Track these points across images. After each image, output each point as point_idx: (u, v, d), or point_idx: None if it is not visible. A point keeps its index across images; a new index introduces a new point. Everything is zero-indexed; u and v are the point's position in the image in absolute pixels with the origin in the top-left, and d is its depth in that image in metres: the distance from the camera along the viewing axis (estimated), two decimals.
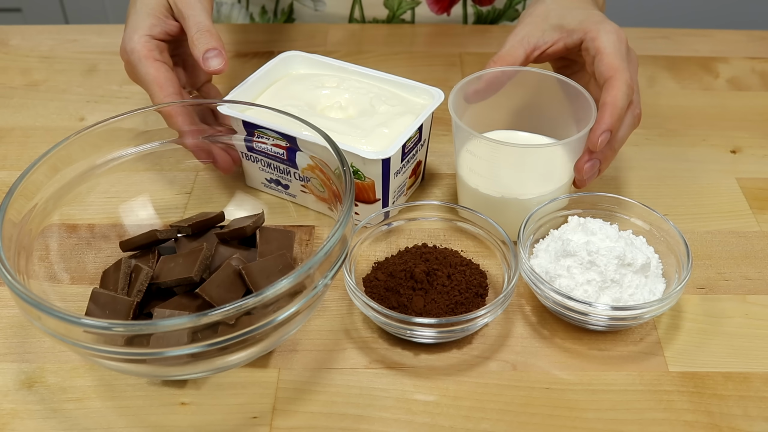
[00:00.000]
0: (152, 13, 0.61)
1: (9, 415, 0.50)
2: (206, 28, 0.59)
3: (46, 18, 1.85)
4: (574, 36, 0.61)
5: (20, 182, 0.52)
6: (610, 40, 0.58)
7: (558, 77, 0.62)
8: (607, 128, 0.56)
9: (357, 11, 0.91)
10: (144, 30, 0.61)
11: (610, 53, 0.58)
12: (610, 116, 0.56)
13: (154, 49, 0.61)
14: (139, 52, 0.60)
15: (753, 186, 0.69)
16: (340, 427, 0.49)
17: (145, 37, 0.61)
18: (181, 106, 0.59)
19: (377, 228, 0.60)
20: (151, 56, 0.60)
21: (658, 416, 0.50)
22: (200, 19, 0.60)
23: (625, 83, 0.56)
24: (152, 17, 0.61)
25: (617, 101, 0.56)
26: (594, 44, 0.59)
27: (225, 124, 0.62)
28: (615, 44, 0.58)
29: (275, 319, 0.45)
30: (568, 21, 0.61)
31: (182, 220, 0.59)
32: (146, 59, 0.60)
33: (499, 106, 0.64)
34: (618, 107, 0.56)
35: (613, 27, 0.59)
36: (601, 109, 0.56)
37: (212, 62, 0.59)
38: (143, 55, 0.60)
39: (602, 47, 0.58)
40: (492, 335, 0.55)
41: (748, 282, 0.59)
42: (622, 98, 0.56)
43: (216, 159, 0.62)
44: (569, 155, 0.59)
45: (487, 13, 0.92)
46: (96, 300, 0.51)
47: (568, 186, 0.61)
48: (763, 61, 0.87)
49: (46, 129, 0.75)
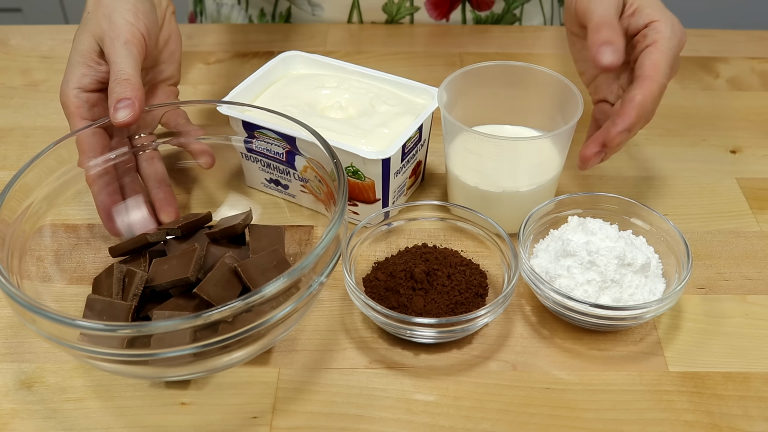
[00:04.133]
0: (83, 61, 0.58)
1: (9, 415, 0.50)
2: (125, 76, 0.56)
3: (46, 18, 1.85)
4: (642, 18, 0.57)
5: (14, 182, 0.52)
6: (671, 40, 0.56)
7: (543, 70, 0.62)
8: (628, 126, 0.54)
9: (355, 16, 0.91)
10: (74, 83, 0.58)
11: (663, 51, 0.55)
12: (636, 116, 0.54)
13: (83, 105, 0.58)
14: (68, 108, 0.58)
15: (753, 186, 0.69)
16: (340, 427, 0.49)
17: (74, 90, 0.57)
18: (97, 175, 0.58)
19: (377, 228, 0.60)
20: (78, 114, 0.57)
21: (658, 416, 0.50)
22: (122, 67, 0.56)
23: (660, 87, 0.55)
24: (83, 66, 0.58)
25: (647, 103, 0.54)
26: (654, 35, 0.56)
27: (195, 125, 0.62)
28: (673, 46, 0.56)
29: (274, 317, 0.45)
30: (647, 4, 0.57)
31: (170, 222, 0.59)
32: (73, 117, 0.58)
33: (485, 101, 0.65)
34: (646, 110, 0.55)
35: (681, 28, 0.57)
36: (629, 105, 0.54)
37: (119, 113, 0.55)
38: (71, 112, 0.58)
39: (660, 42, 0.55)
40: (492, 335, 0.55)
41: (748, 282, 0.59)
42: (652, 101, 0.55)
43: (196, 155, 0.62)
44: (559, 146, 0.60)
45: (485, 18, 0.92)
46: (92, 307, 0.51)
47: (558, 178, 0.62)
48: (763, 61, 0.87)
49: (46, 129, 0.75)
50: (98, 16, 0.59)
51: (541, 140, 0.61)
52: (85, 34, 0.58)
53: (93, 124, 0.57)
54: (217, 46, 0.88)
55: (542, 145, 0.60)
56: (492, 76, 0.64)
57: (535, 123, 0.65)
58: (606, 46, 0.53)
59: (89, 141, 0.57)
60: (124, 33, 0.57)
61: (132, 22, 0.58)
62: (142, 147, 0.61)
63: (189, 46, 0.88)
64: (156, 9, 0.62)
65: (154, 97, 0.65)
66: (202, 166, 0.63)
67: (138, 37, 0.58)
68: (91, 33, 0.58)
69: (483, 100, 0.65)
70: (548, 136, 0.59)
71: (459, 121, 0.58)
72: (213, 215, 0.61)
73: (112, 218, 0.59)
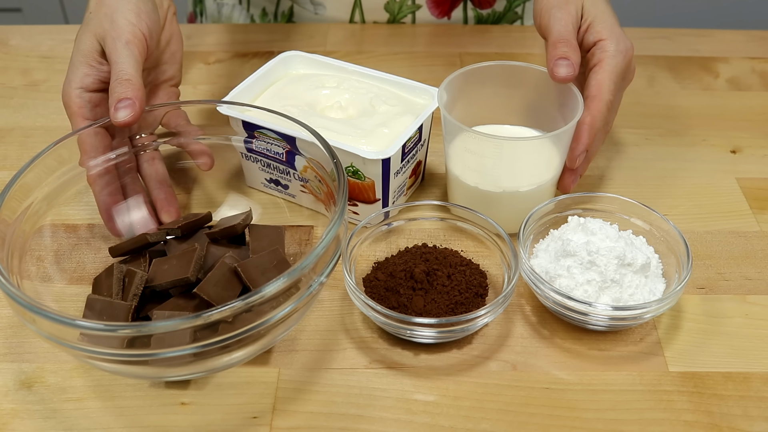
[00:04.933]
0: (85, 60, 0.58)
1: (9, 415, 0.50)
2: (127, 76, 0.56)
3: (46, 18, 1.85)
4: (592, 35, 0.62)
5: (14, 182, 0.52)
6: (616, 57, 0.60)
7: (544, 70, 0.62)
8: (584, 148, 0.60)
9: (357, 15, 0.91)
10: (77, 82, 0.58)
11: (607, 69, 0.60)
12: (588, 137, 0.59)
13: (85, 105, 0.58)
14: (70, 108, 0.58)
15: (753, 186, 0.69)
16: (340, 427, 0.49)
17: (77, 90, 0.58)
18: (98, 174, 0.58)
19: (377, 228, 0.60)
20: (80, 114, 0.58)
21: (658, 416, 0.50)
22: (123, 68, 0.56)
23: (606, 104, 0.59)
24: (85, 66, 0.58)
25: (595, 122, 0.59)
26: (600, 54, 0.60)
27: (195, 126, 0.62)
28: (618, 62, 0.60)
29: (274, 317, 0.45)
30: (598, 21, 0.62)
31: (170, 222, 0.59)
32: (75, 116, 0.58)
33: (485, 101, 0.65)
34: (595, 128, 0.59)
35: (625, 46, 0.61)
36: (580, 128, 0.59)
37: (120, 113, 0.54)
38: (73, 112, 0.58)
39: (605, 60, 0.60)
40: (492, 335, 0.55)
41: (748, 282, 0.59)
42: (600, 119, 0.59)
43: (195, 156, 0.62)
44: (559, 146, 0.60)
45: (487, 16, 0.93)
46: (92, 307, 0.51)
47: (557, 177, 0.62)
48: (763, 61, 0.87)
49: (46, 129, 0.75)
50: (100, 15, 0.59)
51: (541, 140, 0.61)
52: (87, 34, 0.58)
53: (94, 123, 0.57)
54: (217, 46, 0.88)
55: (542, 145, 0.60)
56: (492, 76, 0.64)
57: (535, 123, 0.65)
58: (562, 60, 0.59)
59: (91, 141, 0.57)
60: (126, 33, 0.57)
61: (134, 23, 0.58)
62: (143, 147, 0.61)
63: (189, 46, 0.88)
64: (158, 9, 0.62)
65: (155, 97, 0.65)
66: (201, 168, 0.63)
67: (140, 38, 0.58)
68: (92, 33, 0.58)
69: (483, 100, 0.65)
70: (548, 136, 0.59)
71: (459, 121, 0.58)
72: (213, 215, 0.61)
73: (113, 218, 0.59)
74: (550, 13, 0.62)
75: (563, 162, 0.61)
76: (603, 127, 0.61)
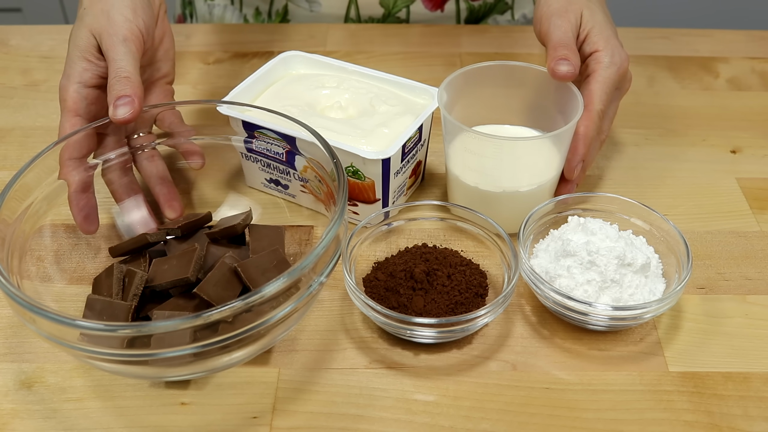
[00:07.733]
0: (83, 56, 0.58)
1: (9, 415, 0.50)
2: (125, 74, 0.55)
3: (46, 18, 1.85)
4: (589, 46, 0.63)
5: (14, 182, 0.52)
6: (609, 69, 0.61)
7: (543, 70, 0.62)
8: (580, 158, 0.61)
9: (353, 11, 0.91)
10: (75, 77, 0.57)
11: (599, 80, 0.61)
12: (583, 147, 0.60)
13: (81, 102, 0.57)
14: (66, 102, 0.57)
15: (753, 186, 0.69)
16: (340, 427, 0.49)
17: (75, 85, 0.57)
18: (73, 170, 0.57)
19: (377, 228, 0.60)
20: (74, 110, 0.57)
21: (658, 416, 0.50)
22: (121, 65, 0.56)
23: (597, 115, 0.60)
24: (83, 61, 0.57)
25: (589, 132, 0.60)
26: (594, 65, 0.61)
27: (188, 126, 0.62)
28: (611, 74, 0.61)
29: (274, 317, 0.45)
30: (595, 32, 0.63)
31: (170, 222, 0.59)
32: (68, 112, 0.57)
33: (485, 101, 0.65)
34: (589, 138, 0.60)
35: (620, 58, 0.62)
36: (575, 139, 0.60)
37: (119, 111, 0.54)
38: (68, 107, 0.57)
39: (598, 71, 0.61)
40: (492, 335, 0.55)
41: (748, 282, 0.59)
42: (593, 129, 0.60)
43: (186, 156, 0.62)
44: (559, 146, 0.60)
45: (479, 7, 0.93)
46: (92, 307, 0.51)
47: (558, 178, 0.62)
48: (763, 61, 0.87)
49: (46, 129, 0.75)
50: (95, 11, 0.58)
51: (541, 140, 0.61)
52: (83, 30, 0.58)
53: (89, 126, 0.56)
54: (217, 46, 0.88)
55: (542, 145, 0.60)
56: (492, 76, 0.64)
57: (535, 123, 0.65)
58: (562, 60, 0.60)
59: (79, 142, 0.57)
60: (123, 30, 0.57)
61: (130, 19, 0.58)
62: (141, 147, 0.61)
63: (188, 45, 0.88)
64: (152, 6, 0.62)
65: (151, 95, 0.65)
66: (192, 167, 0.63)
67: (136, 34, 0.58)
68: (88, 28, 0.58)
69: (483, 100, 0.65)
70: (548, 136, 0.59)
71: (459, 121, 0.58)
72: (213, 215, 0.61)
73: (90, 219, 0.58)
74: (550, 21, 0.62)
75: (563, 162, 0.61)
76: (597, 137, 0.62)
